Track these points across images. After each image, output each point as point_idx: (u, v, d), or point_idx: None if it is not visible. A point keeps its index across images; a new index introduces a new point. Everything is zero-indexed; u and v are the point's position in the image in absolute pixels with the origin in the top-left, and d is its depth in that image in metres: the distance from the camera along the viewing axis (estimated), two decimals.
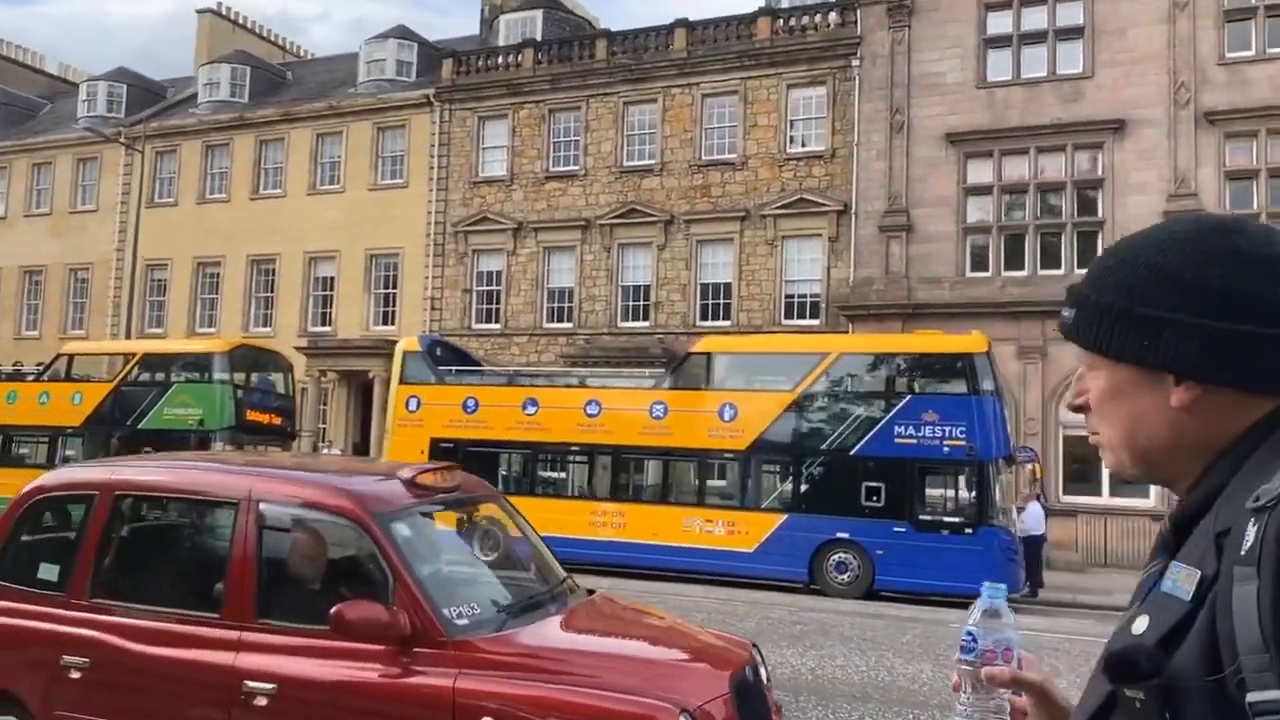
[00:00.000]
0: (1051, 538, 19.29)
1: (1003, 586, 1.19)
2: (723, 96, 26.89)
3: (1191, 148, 22.04)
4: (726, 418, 16.30)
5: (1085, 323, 1.12)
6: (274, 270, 32.11)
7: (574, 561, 16.42)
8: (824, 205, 25.31)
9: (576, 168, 28.32)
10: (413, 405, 18.60)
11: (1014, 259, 23.46)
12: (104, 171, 35.41)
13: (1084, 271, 1.19)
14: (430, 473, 4.83)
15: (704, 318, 26.57)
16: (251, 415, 21.08)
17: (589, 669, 4.13)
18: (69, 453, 21.65)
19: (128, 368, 21.81)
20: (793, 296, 25.73)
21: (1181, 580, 1.00)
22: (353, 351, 29.04)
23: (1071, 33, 23.47)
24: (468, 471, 5.38)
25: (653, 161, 27.44)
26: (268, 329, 31.44)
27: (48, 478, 5.10)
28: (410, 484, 4.69)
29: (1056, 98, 23.28)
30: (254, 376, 21.92)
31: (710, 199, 26.68)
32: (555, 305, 28.33)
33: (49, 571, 4.82)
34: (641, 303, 27.28)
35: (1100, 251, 1.40)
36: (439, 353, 19.70)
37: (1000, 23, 24.11)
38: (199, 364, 21.10)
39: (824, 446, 15.80)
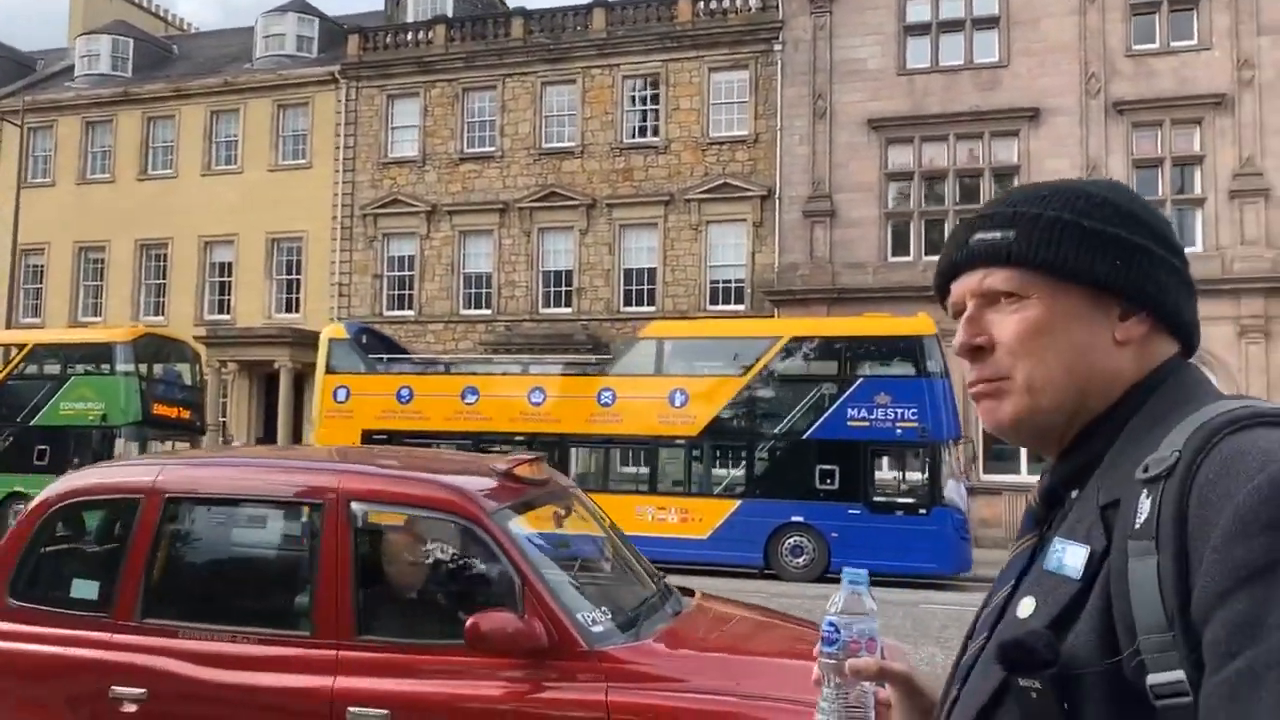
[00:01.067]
0: (978, 516, 19.74)
1: (864, 573, 1.13)
2: (643, 78, 26.54)
3: (1102, 136, 22.80)
4: (678, 403, 16.02)
5: (1037, 241, 1.02)
6: (166, 255, 30.25)
7: None
8: (748, 190, 25.25)
9: (493, 149, 27.54)
10: (341, 395, 17.70)
11: (934, 244, 23.87)
12: None
13: None
14: (525, 464, 4.36)
15: (628, 303, 26.22)
16: (158, 409, 19.75)
17: (741, 678, 3.75)
18: None
19: (15, 360, 20.12)
20: (718, 282, 25.62)
21: (1068, 557, 0.94)
22: (255, 340, 27.60)
23: (988, 22, 23.98)
24: None
25: (573, 144, 26.89)
26: (160, 318, 29.61)
27: (74, 480, 4.40)
28: (507, 477, 4.21)
29: (974, 85, 23.77)
30: (158, 367, 20.52)
31: (633, 183, 26.31)
32: (472, 291, 27.52)
33: (85, 589, 4.16)
34: (564, 288, 26.74)
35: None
36: (364, 340, 18.80)
37: (919, 10, 24.46)
38: (99, 354, 19.64)
39: (777, 431, 15.69)
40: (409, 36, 28.79)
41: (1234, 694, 0.78)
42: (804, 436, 15.45)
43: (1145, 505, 0.89)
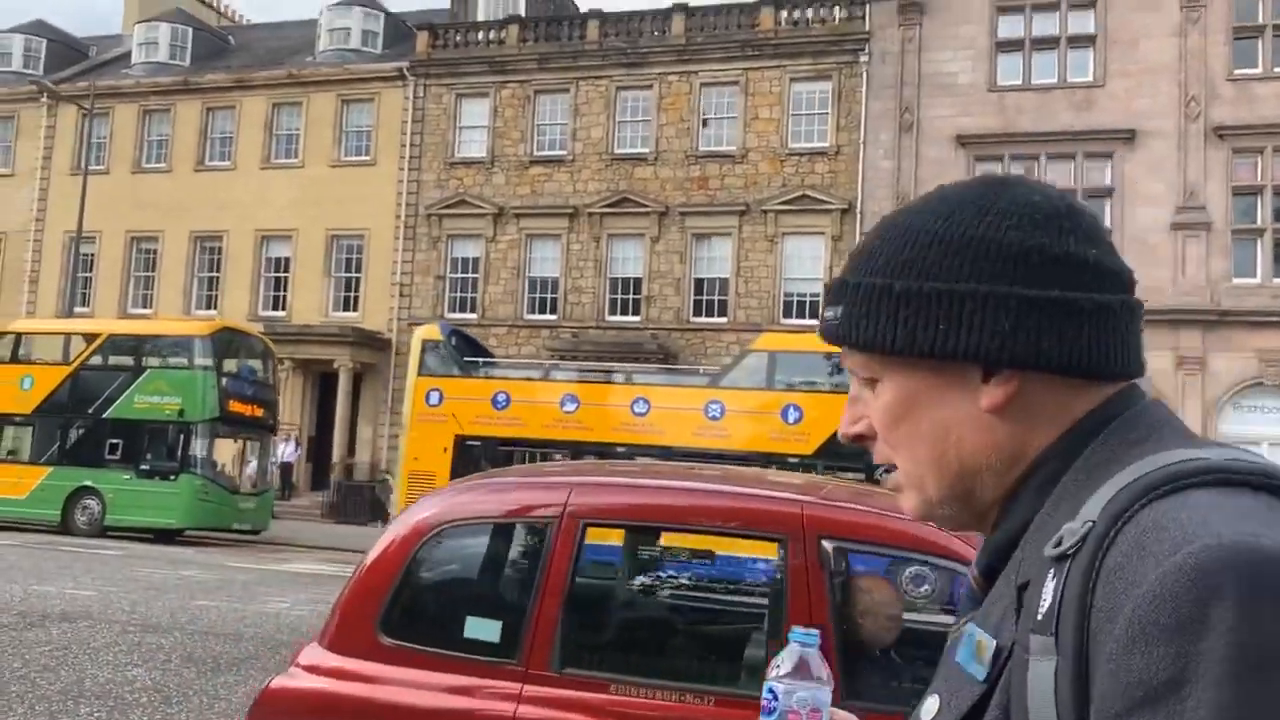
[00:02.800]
0: None
1: (815, 633, 1.00)
2: (723, 86, 26.03)
3: (1200, 161, 22.27)
4: (791, 420, 15.43)
5: (857, 317, 0.84)
6: (221, 249, 29.72)
7: None
8: (827, 203, 24.72)
9: (564, 153, 27.02)
10: (434, 399, 17.11)
11: None
12: (21, 133, 32.23)
13: None
14: None
15: (698, 313, 25.67)
16: (234, 406, 19.18)
17: None
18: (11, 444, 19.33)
19: (89, 350, 19.55)
20: (792, 295, 25.06)
21: (977, 651, 0.79)
22: (313, 339, 27.04)
23: (1083, 40, 23.48)
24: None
25: (647, 150, 26.37)
26: (212, 311, 29.07)
27: (456, 499, 3.81)
28: None
29: (1068, 104, 23.25)
30: (233, 362, 19.95)
31: (708, 191, 25.78)
32: (537, 296, 26.98)
33: (483, 629, 3.55)
34: (632, 296, 26.19)
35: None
36: (454, 342, 18.23)
37: (1012, 26, 23.97)
38: (177, 347, 19.07)
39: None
40: (480, 35, 28.32)
41: None
42: None
43: (1049, 591, 0.71)
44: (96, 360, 19.43)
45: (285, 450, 23.96)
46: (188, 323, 21.44)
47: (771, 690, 0.98)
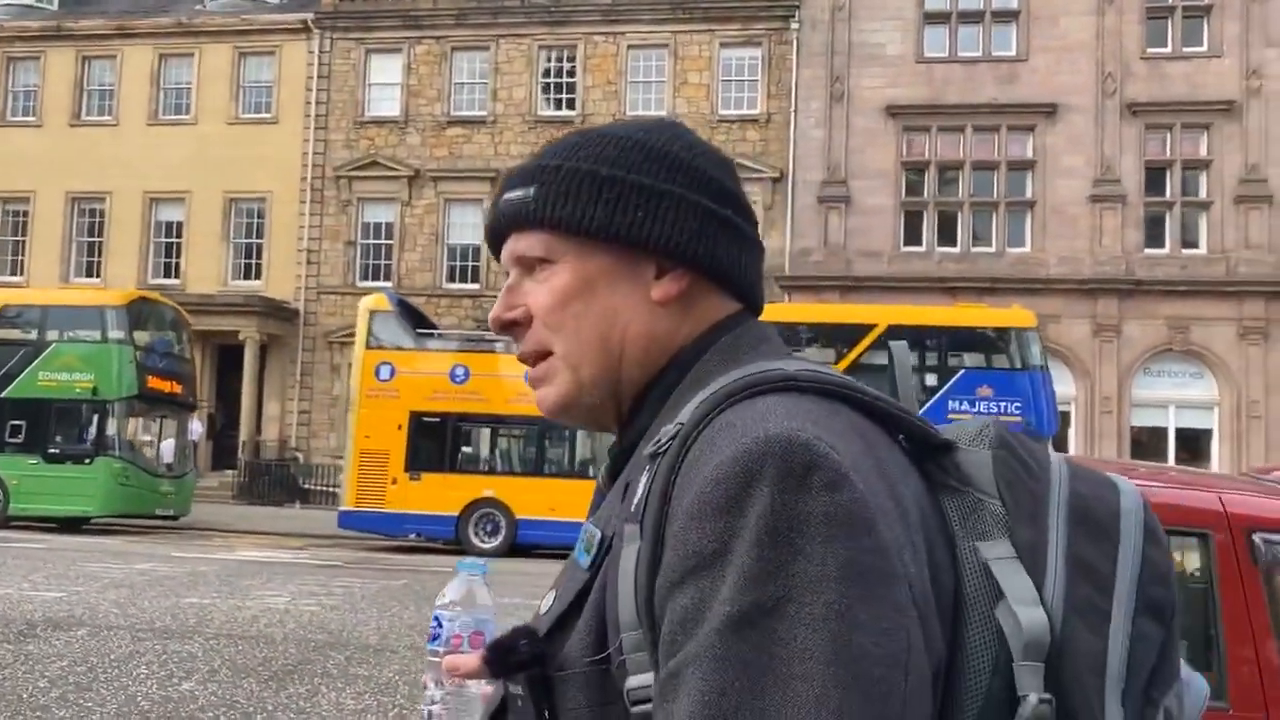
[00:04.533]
0: None
1: (481, 562, 1.03)
2: (650, 49, 25.48)
3: (1116, 136, 23.14)
4: None
5: (554, 197, 0.88)
6: (103, 211, 27.36)
7: None
8: (759, 171, 24.57)
9: (484, 113, 25.97)
10: (385, 374, 16.14)
11: (948, 236, 23.81)
12: None
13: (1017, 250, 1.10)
14: None
15: None
16: (152, 382, 17.64)
17: None
18: None
19: None
20: None
21: (587, 544, 0.85)
22: (214, 309, 25.23)
23: (1006, 16, 23.99)
24: (455, 451, 3.98)
25: (573, 113, 25.59)
26: (95, 279, 26.80)
27: None
28: None
29: (993, 78, 23.75)
30: (147, 335, 18.33)
31: None
32: (458, 264, 25.95)
33: None
34: None
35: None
36: (402, 312, 17.24)
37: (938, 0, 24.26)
38: (87, 319, 17.37)
39: None
40: None
41: (662, 695, 0.70)
42: None
43: (642, 485, 0.79)
44: None
45: (192, 429, 22.28)
46: (97, 291, 19.61)
47: (437, 618, 0.98)
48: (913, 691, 0.68)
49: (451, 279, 25.86)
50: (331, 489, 24.53)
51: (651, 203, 0.87)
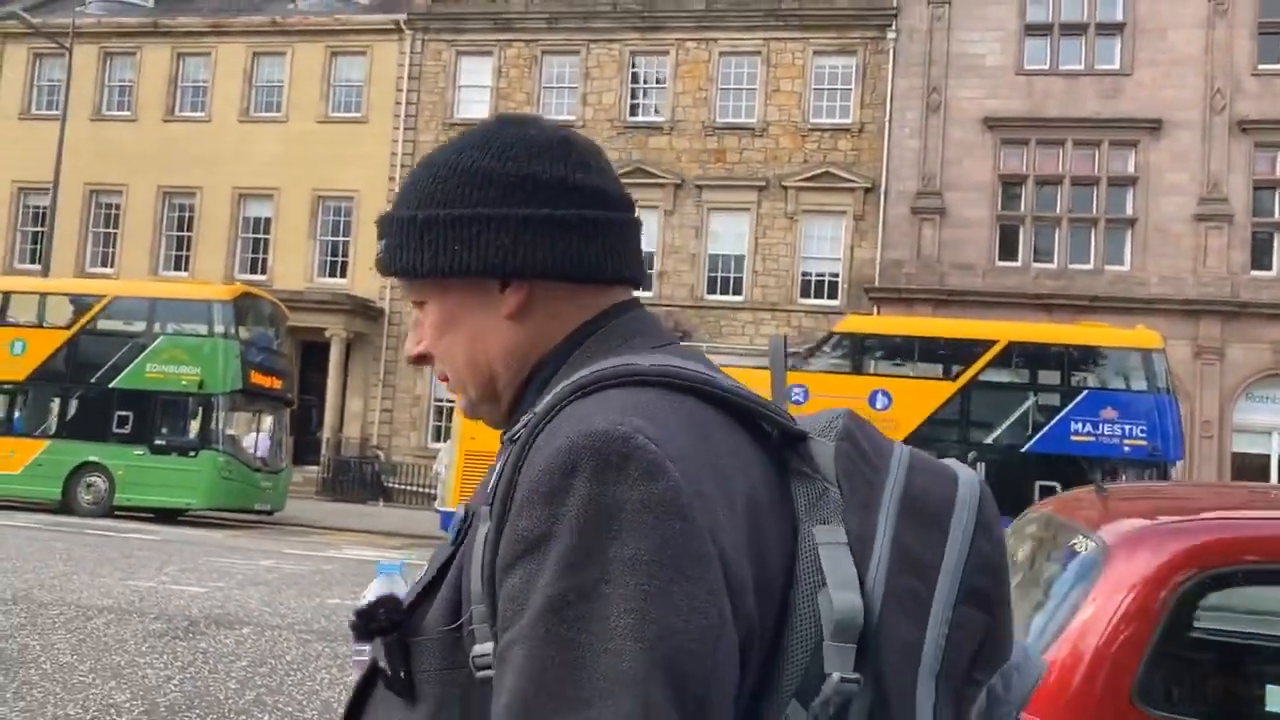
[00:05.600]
0: None
1: (397, 562, 1.09)
2: (743, 56, 25.28)
3: (1224, 153, 22.52)
4: (879, 406, 14.92)
5: (396, 248, 0.96)
6: (193, 206, 27.72)
7: None
8: (851, 181, 24.27)
9: (573, 117, 25.88)
10: None
11: (1044, 252, 23.33)
12: None
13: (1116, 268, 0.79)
14: None
15: (712, 291, 25.03)
16: (255, 377, 17.76)
17: None
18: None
19: (92, 313, 17.84)
20: (810, 274, 24.60)
21: (456, 522, 0.92)
22: (302, 306, 25.35)
23: (1111, 28, 23.47)
24: None
25: (662, 119, 25.49)
26: (182, 272, 27.15)
27: (1239, 528, 3.08)
28: None
29: (1095, 91, 23.24)
30: (250, 330, 18.45)
31: (725, 164, 25.07)
32: None
33: None
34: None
35: None
36: None
37: (1040, 11, 23.81)
38: (194, 313, 17.51)
39: (989, 441, 14.77)
40: None
41: (496, 671, 0.77)
42: (1022, 449, 14.55)
43: (496, 469, 0.86)
44: (100, 324, 17.74)
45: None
46: (203, 286, 19.73)
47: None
48: (720, 663, 0.73)
49: None
50: (415, 488, 24.61)
51: (465, 233, 0.92)
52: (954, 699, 0.79)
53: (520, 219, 0.91)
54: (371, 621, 0.88)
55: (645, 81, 25.79)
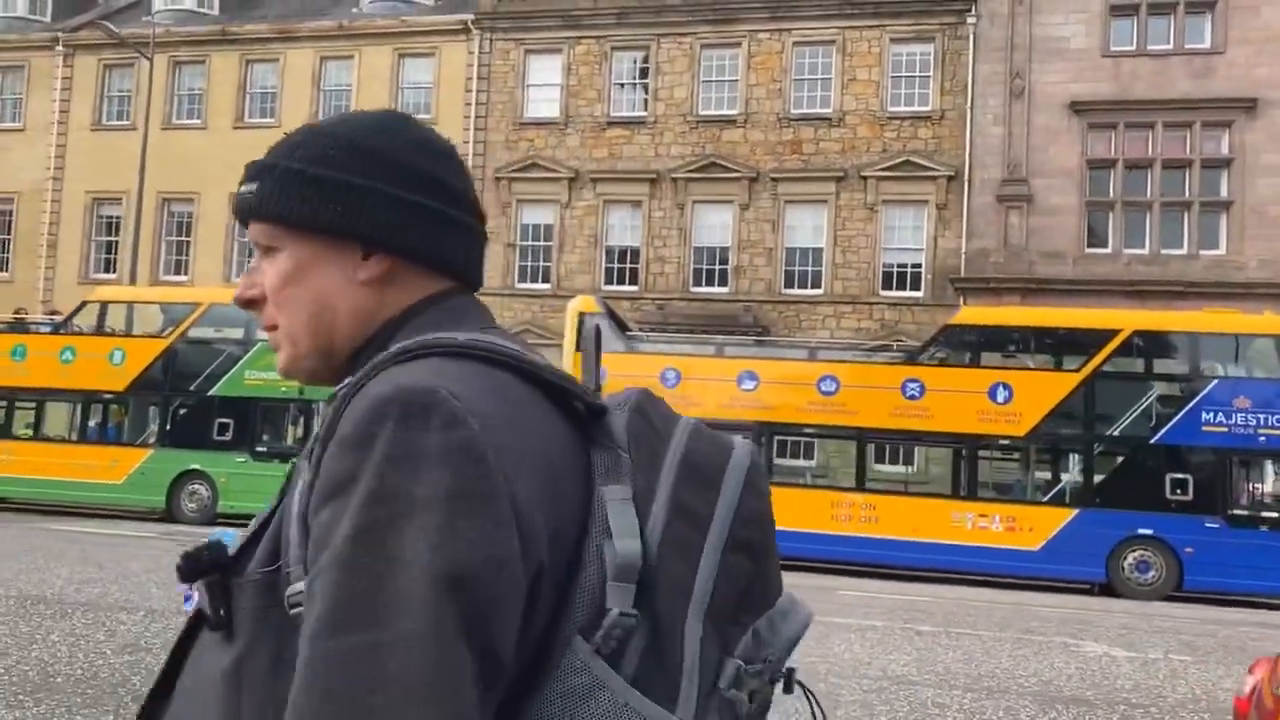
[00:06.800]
0: None
1: (231, 532, 1.14)
2: (817, 46, 24.89)
3: None
4: (1000, 399, 14.55)
5: (270, 194, 1.01)
6: None
7: (812, 559, 14.47)
8: (933, 170, 23.82)
9: (644, 114, 25.67)
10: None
11: (1134, 238, 22.75)
12: (32, 84, 29.74)
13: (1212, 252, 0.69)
14: None
15: (789, 285, 24.67)
16: None
17: None
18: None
19: (189, 320, 17.84)
20: (891, 265, 24.18)
21: (285, 476, 0.99)
22: None
23: (1201, 6, 22.81)
24: None
25: (735, 112, 25.15)
26: None
27: None
28: None
29: (1186, 72, 22.61)
30: None
31: (801, 156, 24.69)
32: (615, 266, 25.68)
33: None
34: (719, 266, 25.06)
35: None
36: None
37: None
38: None
39: (1116, 433, 14.33)
40: None
41: (306, 600, 0.81)
42: (1151, 441, 14.10)
43: (317, 426, 0.95)
44: (197, 332, 17.74)
45: None
46: None
47: (188, 596, 1.04)
48: (504, 593, 0.80)
49: (610, 281, 25.60)
50: None
51: (350, 197, 0.98)
52: (720, 637, 0.87)
53: (406, 201, 0.99)
54: (196, 563, 0.93)
55: (717, 75, 25.44)
